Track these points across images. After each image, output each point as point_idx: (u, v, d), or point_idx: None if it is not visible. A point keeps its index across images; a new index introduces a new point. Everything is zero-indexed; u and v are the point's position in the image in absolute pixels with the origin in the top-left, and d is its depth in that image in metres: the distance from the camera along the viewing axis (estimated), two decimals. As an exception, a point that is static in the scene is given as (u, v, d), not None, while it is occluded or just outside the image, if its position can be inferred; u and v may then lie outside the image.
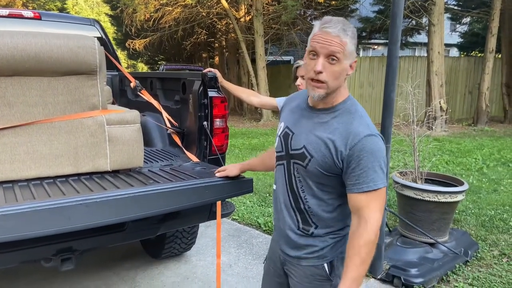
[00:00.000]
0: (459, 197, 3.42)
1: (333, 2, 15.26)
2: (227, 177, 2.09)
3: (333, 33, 1.33)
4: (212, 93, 2.60)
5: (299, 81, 2.70)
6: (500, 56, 13.77)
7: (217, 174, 2.10)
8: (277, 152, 1.59)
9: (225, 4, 13.75)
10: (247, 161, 2.06)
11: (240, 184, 2.16)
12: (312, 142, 1.43)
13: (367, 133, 1.37)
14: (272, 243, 1.76)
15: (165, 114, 2.90)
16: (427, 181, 3.77)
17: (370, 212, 1.35)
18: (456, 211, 4.33)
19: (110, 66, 3.79)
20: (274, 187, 1.66)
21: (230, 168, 2.08)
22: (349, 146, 1.36)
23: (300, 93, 1.66)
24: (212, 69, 2.66)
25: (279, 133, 1.59)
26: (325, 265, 1.52)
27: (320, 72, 1.36)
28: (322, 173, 1.42)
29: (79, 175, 2.22)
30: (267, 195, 5.39)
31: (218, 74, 2.66)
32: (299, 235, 1.53)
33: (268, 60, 14.80)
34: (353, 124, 1.39)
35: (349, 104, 1.45)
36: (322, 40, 1.34)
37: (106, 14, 20.91)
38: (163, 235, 3.20)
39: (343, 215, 1.51)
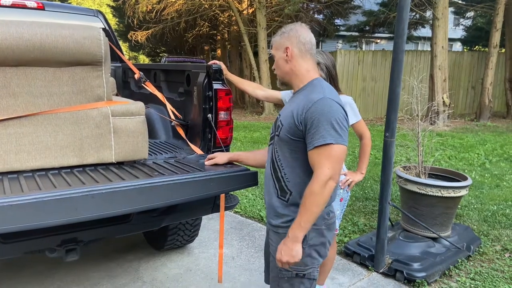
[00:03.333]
0: (463, 192, 3.42)
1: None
2: (222, 167, 2.20)
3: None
4: (217, 86, 2.59)
5: None
6: (504, 51, 13.69)
7: (206, 162, 2.24)
8: (270, 136, 1.84)
9: (228, -4, 13.67)
10: (239, 152, 2.21)
11: (244, 177, 2.16)
12: (285, 114, 1.71)
13: (320, 97, 1.60)
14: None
15: (169, 106, 2.89)
16: (431, 175, 3.76)
17: (319, 167, 1.55)
18: (459, 206, 4.33)
19: (113, 57, 3.77)
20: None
21: (220, 156, 2.24)
22: (305, 109, 1.59)
23: None
24: (217, 61, 2.64)
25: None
26: None
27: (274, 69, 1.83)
28: (290, 138, 1.65)
29: (84, 166, 2.22)
30: (269, 188, 5.39)
31: (223, 67, 2.65)
32: (278, 203, 1.74)
33: (270, 53, 14.71)
34: (311, 93, 1.65)
35: (315, 82, 1.71)
36: None
37: (108, 5, 20.79)
38: (166, 227, 3.21)
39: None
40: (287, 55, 1.73)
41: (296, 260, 1.61)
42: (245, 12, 15.11)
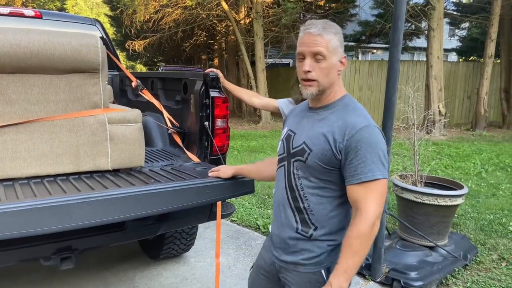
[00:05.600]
0: (459, 201, 3.42)
1: (333, 5, 15.29)
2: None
3: (315, 32, 1.40)
4: (214, 93, 2.60)
5: None
6: (499, 61, 13.81)
7: (210, 174, 2.12)
8: (279, 155, 1.60)
9: (225, 6, 13.77)
10: (242, 165, 2.06)
11: (241, 185, 2.15)
12: (312, 136, 1.45)
13: (365, 124, 1.38)
14: (263, 251, 1.73)
15: (166, 114, 2.89)
16: (427, 184, 3.77)
17: (366, 204, 1.34)
18: (455, 215, 4.33)
19: (111, 66, 3.77)
20: (274, 191, 1.65)
21: (224, 170, 2.10)
22: (347, 137, 1.37)
23: (303, 103, 1.68)
24: (214, 70, 2.65)
25: (282, 137, 1.61)
26: (323, 271, 1.50)
27: (309, 71, 1.42)
28: (321, 167, 1.42)
29: (79, 173, 2.21)
30: (266, 197, 5.39)
31: (220, 75, 2.66)
32: (297, 238, 1.51)
33: (267, 63, 14.81)
34: (350, 116, 1.41)
35: (347, 100, 1.49)
36: (307, 42, 1.42)
37: (106, 15, 20.89)
38: (162, 235, 3.19)
39: (342, 216, 1.50)
40: (341, 66, 1.46)
41: None
42: (242, 22, 15.21)
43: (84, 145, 2.17)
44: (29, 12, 3.62)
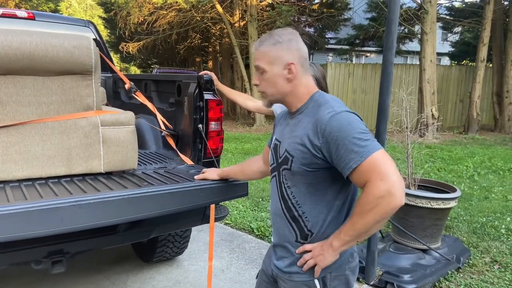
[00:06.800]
0: (452, 204, 3.44)
1: (326, 10, 15.36)
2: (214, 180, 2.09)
3: (255, 48, 1.48)
4: (207, 96, 2.59)
5: None
6: (491, 65, 13.94)
7: (196, 177, 2.11)
8: (270, 166, 1.59)
9: (220, 9, 13.79)
10: (228, 167, 2.05)
11: (235, 187, 2.14)
12: (290, 142, 1.45)
13: (331, 114, 1.35)
14: (266, 258, 1.73)
15: (159, 117, 2.88)
16: (420, 187, 3.78)
17: (369, 184, 1.27)
18: (448, 218, 4.35)
19: (104, 68, 3.75)
20: (270, 202, 1.64)
21: (210, 172, 2.10)
22: (320, 134, 1.35)
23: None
24: (208, 72, 2.65)
25: (271, 147, 1.61)
26: (316, 281, 1.47)
27: (256, 85, 1.52)
28: (306, 170, 1.40)
29: (71, 176, 2.19)
30: (260, 199, 5.38)
31: (214, 77, 2.65)
32: (294, 247, 1.50)
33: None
34: (318, 113, 1.39)
35: (317, 97, 1.47)
36: (254, 58, 1.53)
37: (100, 16, 20.78)
38: (155, 239, 3.17)
39: (339, 221, 1.46)
40: (289, 73, 1.43)
41: (321, 263, 1.40)
42: (236, 24, 15.23)
43: (76, 148, 2.15)
44: (21, 13, 3.59)
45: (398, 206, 1.27)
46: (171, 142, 2.84)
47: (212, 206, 2.35)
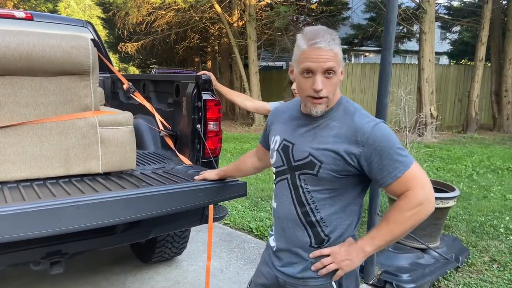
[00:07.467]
0: (451, 203, 3.44)
1: (326, 8, 15.37)
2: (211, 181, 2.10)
3: (326, 47, 1.30)
4: (206, 96, 2.58)
5: (294, 86, 2.70)
6: (489, 64, 13.96)
7: (196, 178, 2.11)
8: (276, 167, 1.52)
9: (218, 9, 13.78)
10: (224, 167, 2.05)
11: (233, 188, 2.14)
12: (318, 148, 1.39)
13: (372, 123, 1.35)
14: (262, 267, 1.66)
15: (158, 117, 2.88)
16: (419, 186, 3.77)
17: (411, 192, 1.32)
18: (447, 217, 4.35)
19: (102, 68, 3.75)
20: (274, 205, 1.56)
21: (208, 172, 2.10)
22: (361, 143, 1.33)
23: (287, 105, 1.62)
24: (206, 72, 2.65)
25: (276, 147, 1.52)
26: (333, 283, 1.46)
27: (319, 90, 1.33)
28: (335, 177, 1.37)
29: (70, 177, 2.19)
30: (259, 199, 5.38)
31: (213, 77, 2.65)
32: (309, 253, 1.47)
33: (260, 66, 14.84)
34: (354, 121, 1.37)
35: (345, 102, 1.45)
36: (316, 58, 1.31)
37: (98, 17, 20.77)
38: (154, 239, 3.17)
39: (354, 224, 1.47)
40: (341, 73, 1.39)
41: (346, 268, 1.40)
42: (235, 24, 15.23)
43: (74, 148, 2.15)
44: (19, 14, 3.58)
45: (431, 212, 1.34)
46: (170, 143, 2.84)
47: (211, 206, 2.35)
